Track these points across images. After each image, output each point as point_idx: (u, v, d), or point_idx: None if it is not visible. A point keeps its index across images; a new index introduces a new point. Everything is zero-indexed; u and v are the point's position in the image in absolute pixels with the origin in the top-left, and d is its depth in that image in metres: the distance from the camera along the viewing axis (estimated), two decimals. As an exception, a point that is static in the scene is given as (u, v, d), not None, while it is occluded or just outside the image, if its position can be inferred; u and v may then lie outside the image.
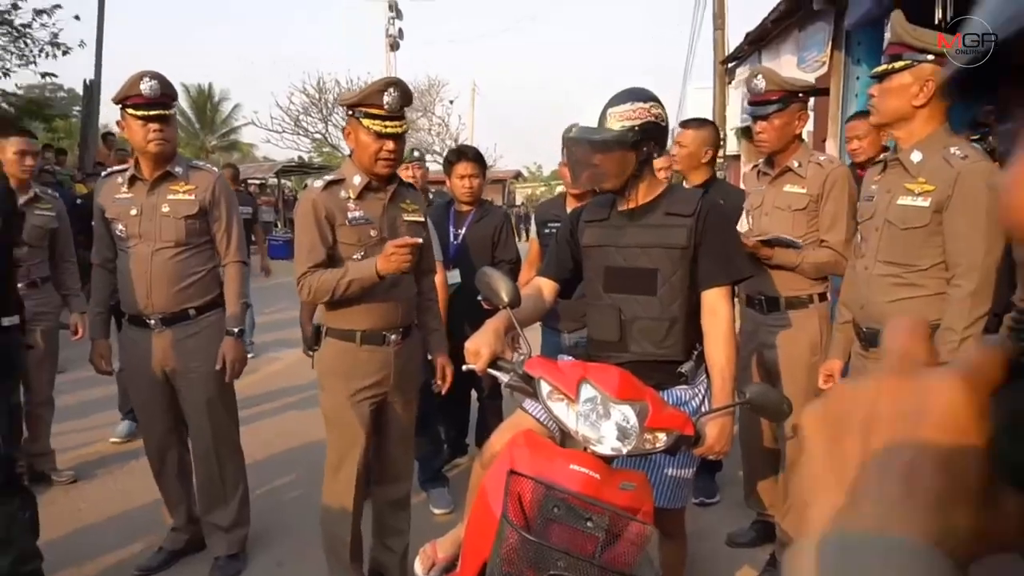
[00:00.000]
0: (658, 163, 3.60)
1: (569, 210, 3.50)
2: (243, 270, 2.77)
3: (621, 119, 1.91)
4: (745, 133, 8.56)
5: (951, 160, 1.96)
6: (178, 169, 2.69)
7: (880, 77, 2.04)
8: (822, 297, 2.73)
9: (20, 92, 13.15)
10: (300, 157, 23.05)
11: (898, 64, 1.99)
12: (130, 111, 2.58)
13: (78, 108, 16.82)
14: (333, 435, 2.42)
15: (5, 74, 12.14)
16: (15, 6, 11.97)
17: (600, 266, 2.05)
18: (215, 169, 2.85)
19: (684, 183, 3.23)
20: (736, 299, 2.70)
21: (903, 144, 2.07)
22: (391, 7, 38.37)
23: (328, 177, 2.38)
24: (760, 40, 6.86)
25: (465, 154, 3.49)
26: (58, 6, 12.10)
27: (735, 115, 8.73)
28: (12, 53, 12.11)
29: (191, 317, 2.69)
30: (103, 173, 2.90)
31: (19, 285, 3.31)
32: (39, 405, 3.58)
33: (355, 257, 2.33)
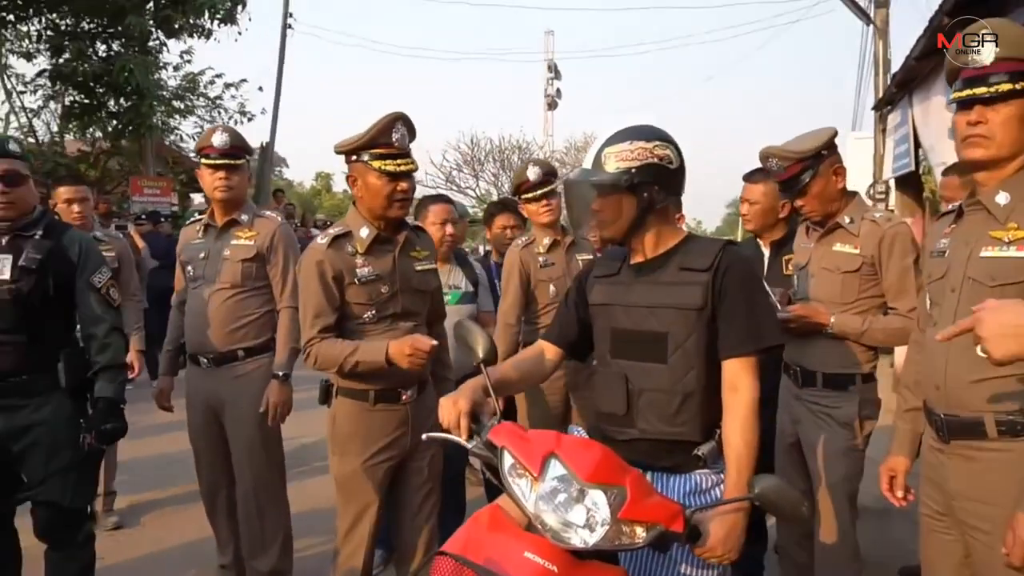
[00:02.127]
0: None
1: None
2: (295, 315, 2.77)
3: (618, 160, 1.70)
4: (899, 184, 7.72)
5: None
6: (244, 217, 2.84)
7: (986, 100, 1.61)
8: (866, 379, 2.34)
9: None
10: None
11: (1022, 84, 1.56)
12: (203, 161, 2.80)
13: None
14: (345, 501, 2.33)
15: (200, 138, 13.94)
16: (212, 81, 13.82)
17: (607, 328, 1.82)
18: (279, 218, 2.96)
19: (759, 242, 2.92)
20: None
21: (984, 185, 1.67)
22: (550, 68, 39.75)
23: (332, 232, 2.31)
24: (910, 82, 6.20)
25: (507, 206, 3.55)
26: (244, 80, 13.80)
27: (889, 166, 7.91)
28: (207, 121, 13.92)
29: (240, 358, 2.77)
30: (188, 221, 3.12)
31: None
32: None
33: (365, 316, 2.25)
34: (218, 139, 2.76)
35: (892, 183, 8.17)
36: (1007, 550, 1.53)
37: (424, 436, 1.70)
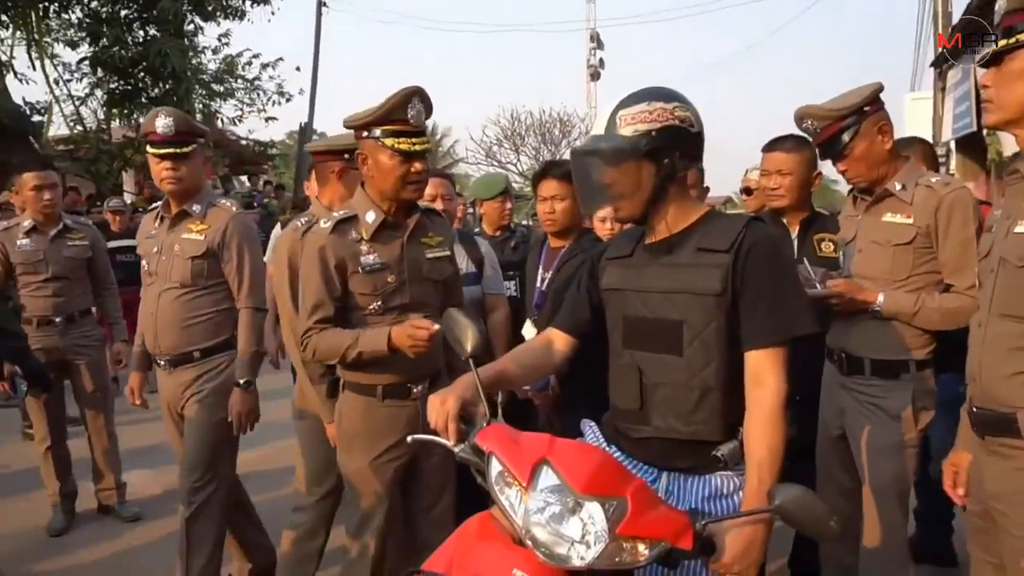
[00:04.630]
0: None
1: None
2: (255, 316, 2.59)
3: (634, 122, 1.50)
4: (960, 146, 7.22)
5: None
6: (195, 207, 2.60)
7: (995, 60, 1.46)
8: (922, 365, 2.08)
9: (252, 137, 15.08)
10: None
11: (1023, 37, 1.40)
12: (148, 148, 2.58)
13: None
14: (353, 499, 2.23)
15: (240, 120, 14.08)
16: (249, 63, 13.85)
17: (619, 315, 1.65)
18: (233, 208, 2.69)
19: (784, 221, 2.61)
20: None
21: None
22: (592, 38, 38.94)
23: (337, 215, 2.14)
24: (973, 34, 5.72)
25: (551, 170, 2.74)
26: (281, 59, 13.79)
27: (948, 128, 7.40)
28: (245, 104, 14.02)
29: (196, 359, 2.61)
30: (149, 208, 2.90)
31: (56, 320, 3.45)
32: (99, 440, 3.62)
33: (371, 308, 2.11)
34: (161, 124, 2.49)
35: (952, 145, 7.66)
36: None
37: (409, 438, 1.57)
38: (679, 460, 1.56)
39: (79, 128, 12.32)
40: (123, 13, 10.61)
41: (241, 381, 2.56)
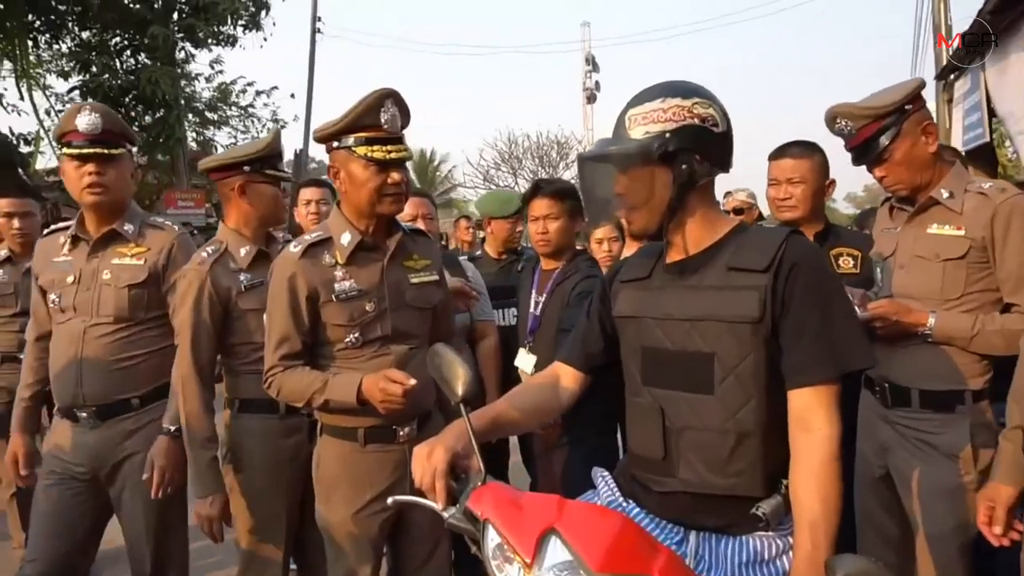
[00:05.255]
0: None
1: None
2: None
3: (645, 123, 1.31)
4: (970, 157, 7.02)
5: None
6: (128, 227, 2.21)
7: None
8: (979, 396, 1.83)
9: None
10: None
11: None
12: (64, 150, 2.13)
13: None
14: (334, 557, 1.96)
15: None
16: (243, 90, 13.80)
17: (636, 346, 1.42)
18: (175, 227, 2.34)
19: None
20: None
21: None
22: (588, 60, 39.16)
23: (309, 237, 1.90)
24: (980, 43, 5.54)
25: (541, 188, 2.55)
26: (275, 87, 13.76)
27: (958, 139, 7.21)
28: (240, 131, 13.93)
29: (134, 408, 2.19)
30: (45, 232, 2.44)
31: (21, 356, 2.89)
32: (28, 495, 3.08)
33: (348, 340, 1.86)
34: (85, 120, 2.07)
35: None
36: None
37: (389, 500, 1.32)
38: (711, 518, 1.32)
39: (70, 158, 12.22)
40: (113, 41, 10.52)
41: (171, 428, 2.13)
